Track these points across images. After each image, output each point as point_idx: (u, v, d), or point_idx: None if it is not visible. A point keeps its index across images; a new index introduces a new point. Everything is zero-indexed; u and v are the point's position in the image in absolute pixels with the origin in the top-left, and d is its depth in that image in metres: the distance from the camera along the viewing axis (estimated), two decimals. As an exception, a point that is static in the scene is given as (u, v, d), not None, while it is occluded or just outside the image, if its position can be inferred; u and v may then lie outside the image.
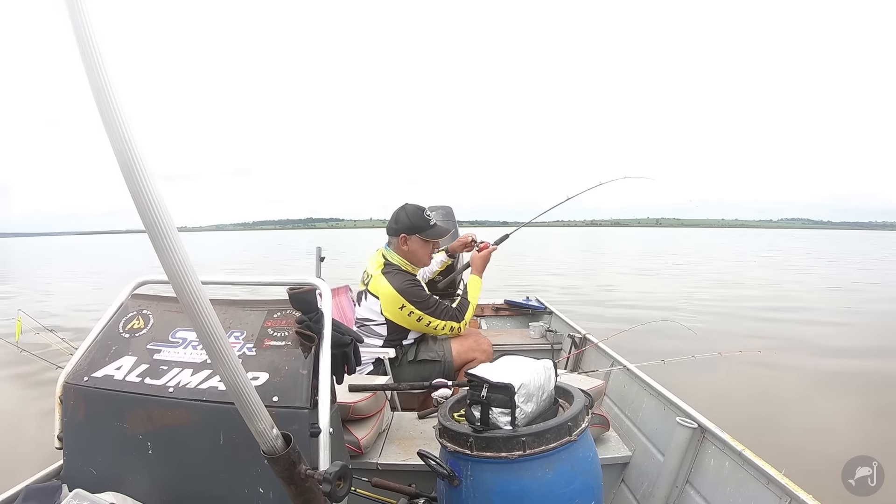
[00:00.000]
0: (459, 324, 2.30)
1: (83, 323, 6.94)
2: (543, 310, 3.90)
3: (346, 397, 1.66)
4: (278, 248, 37.90)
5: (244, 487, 1.04)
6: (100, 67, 0.46)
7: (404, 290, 2.19)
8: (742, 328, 7.11)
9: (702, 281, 13.52)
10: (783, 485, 1.28)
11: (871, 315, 8.49)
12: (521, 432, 1.17)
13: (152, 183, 0.50)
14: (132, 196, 0.50)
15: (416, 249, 2.30)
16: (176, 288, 0.55)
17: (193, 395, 1.09)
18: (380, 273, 2.25)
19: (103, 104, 0.47)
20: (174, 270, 0.53)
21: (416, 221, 2.26)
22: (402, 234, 2.27)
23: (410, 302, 2.19)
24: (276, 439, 0.71)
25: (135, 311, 1.32)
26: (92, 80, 0.46)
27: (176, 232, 0.53)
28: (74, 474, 1.16)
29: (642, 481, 1.78)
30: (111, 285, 10.58)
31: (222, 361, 0.60)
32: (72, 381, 1.19)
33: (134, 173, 0.49)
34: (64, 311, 9.00)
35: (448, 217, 3.28)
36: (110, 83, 0.47)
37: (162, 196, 0.51)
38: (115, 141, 0.48)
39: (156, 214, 0.51)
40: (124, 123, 0.48)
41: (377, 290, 2.23)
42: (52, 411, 1.20)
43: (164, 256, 0.53)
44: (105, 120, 0.47)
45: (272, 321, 1.20)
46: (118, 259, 26.04)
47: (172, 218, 0.52)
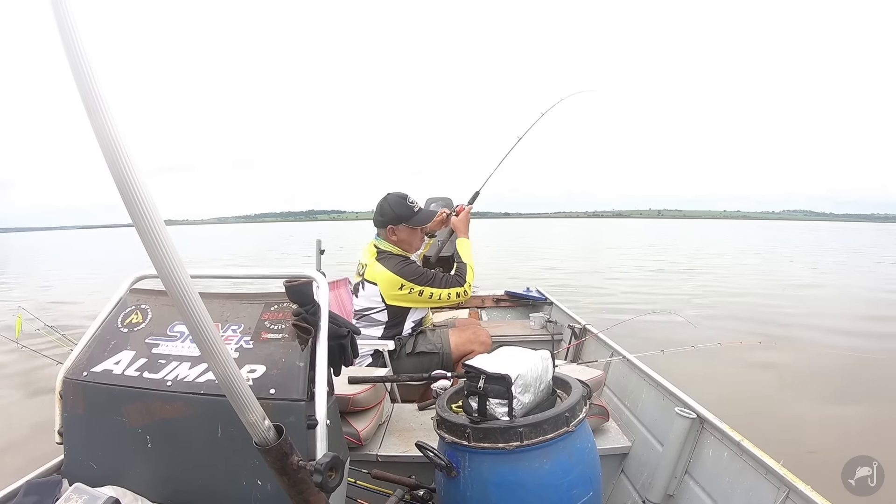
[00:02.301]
0: (463, 287, 2.30)
1: (82, 319, 6.96)
2: (544, 301, 3.91)
3: (345, 389, 1.67)
4: (290, 240, 37.86)
5: (242, 479, 1.05)
6: (83, 64, 0.46)
7: (400, 271, 2.21)
8: (743, 318, 7.10)
9: (703, 272, 13.51)
10: (781, 475, 1.28)
11: (877, 307, 8.48)
12: (518, 423, 1.18)
13: (138, 178, 0.50)
14: (119, 191, 0.50)
15: (405, 238, 2.31)
16: (165, 282, 0.55)
17: (191, 388, 1.09)
18: (374, 260, 2.27)
19: (88, 101, 0.47)
20: (162, 265, 0.54)
21: (399, 211, 2.26)
22: (388, 226, 2.28)
23: (409, 280, 2.21)
24: (267, 430, 0.71)
25: (133, 305, 1.32)
26: (76, 77, 0.46)
27: (164, 226, 0.53)
28: (75, 469, 1.17)
29: (641, 472, 1.79)
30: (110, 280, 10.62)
31: (212, 354, 0.60)
32: (71, 377, 1.19)
33: (120, 168, 0.49)
34: (64, 307, 9.02)
35: (439, 206, 3.27)
36: (95, 80, 0.47)
37: (149, 191, 0.51)
38: (100, 136, 0.48)
39: (143, 209, 0.51)
40: (109, 119, 0.48)
41: (374, 277, 2.25)
42: (52, 407, 1.21)
43: (153, 251, 0.53)
44: (91, 116, 0.47)
45: (269, 314, 1.20)
46: (118, 253, 26.11)
47: (160, 213, 0.52)
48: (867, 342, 5.90)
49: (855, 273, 13.87)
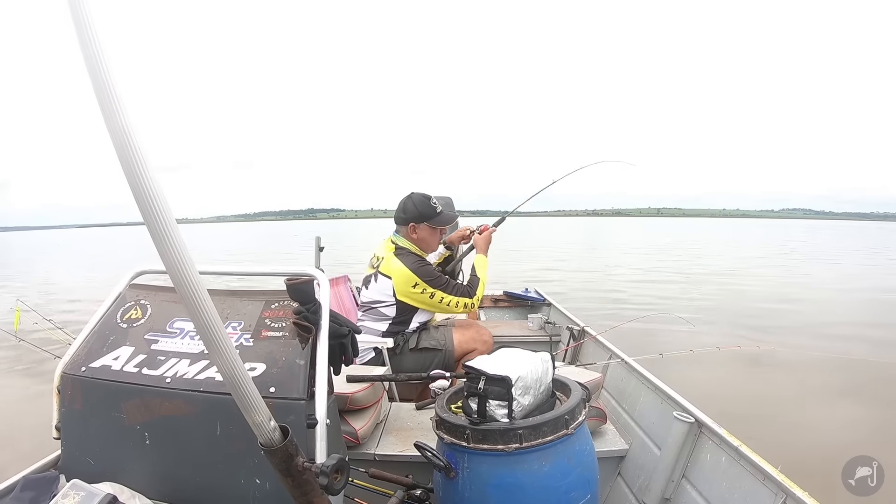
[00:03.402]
0: (472, 299, 2.34)
1: (82, 314, 6.94)
2: (542, 301, 3.91)
3: (343, 388, 1.66)
4: (293, 239, 37.84)
5: (241, 478, 1.04)
6: (100, 60, 0.46)
7: (417, 270, 2.25)
8: (742, 322, 7.09)
9: (702, 274, 13.51)
10: (779, 481, 1.28)
11: (876, 307, 8.51)
12: (517, 425, 1.17)
13: (151, 175, 0.50)
14: (131, 188, 0.50)
15: (425, 237, 2.37)
16: (174, 279, 0.55)
17: (191, 386, 1.09)
18: (392, 255, 2.30)
19: (103, 97, 0.47)
20: (172, 262, 0.53)
21: (423, 210, 2.32)
22: (410, 224, 2.34)
23: (424, 280, 2.25)
24: (273, 431, 0.71)
25: (133, 301, 1.32)
26: (92, 74, 0.46)
27: (175, 224, 0.53)
28: (72, 464, 1.17)
29: (639, 475, 1.79)
30: (110, 276, 10.59)
31: (220, 353, 0.60)
32: (69, 372, 1.19)
33: (133, 165, 0.49)
34: (63, 302, 9.01)
35: (448, 207, 3.28)
36: (110, 76, 0.47)
37: (161, 188, 0.51)
38: (114, 133, 0.48)
39: (155, 206, 0.51)
40: (123, 116, 0.48)
41: (389, 271, 2.28)
42: (50, 401, 1.21)
43: (163, 248, 0.53)
44: (105, 112, 0.47)
45: (270, 312, 1.20)
46: (118, 251, 26.04)
47: (172, 210, 0.52)
48: (866, 346, 5.92)
49: (856, 274, 13.87)
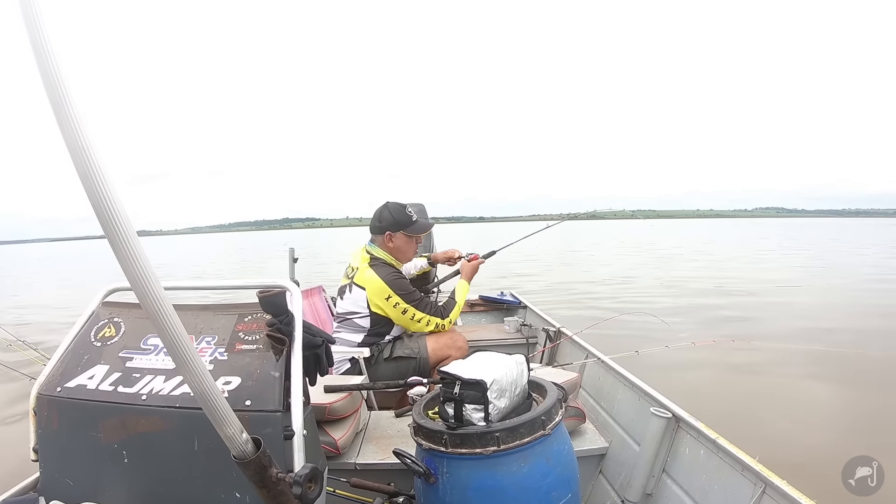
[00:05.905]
0: (444, 321, 2.35)
1: (56, 334, 6.79)
2: (518, 304, 3.93)
3: (321, 398, 1.66)
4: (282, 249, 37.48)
5: (221, 492, 1.04)
6: (54, 71, 0.46)
7: (391, 282, 2.24)
8: (717, 317, 7.22)
9: (676, 272, 13.71)
10: (757, 471, 1.31)
11: (850, 300, 8.70)
12: (494, 428, 1.19)
13: (111, 188, 0.49)
14: (90, 202, 0.49)
15: (400, 245, 2.38)
16: (138, 295, 0.54)
17: (166, 402, 1.08)
18: (366, 265, 2.29)
19: (59, 109, 0.46)
20: (136, 277, 0.53)
21: (399, 218, 2.33)
22: (386, 232, 2.34)
23: (397, 293, 2.24)
24: (245, 443, 0.71)
25: (106, 318, 1.31)
26: (46, 85, 0.46)
27: (136, 238, 0.52)
28: (51, 486, 1.15)
29: (620, 472, 1.82)
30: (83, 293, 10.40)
31: (188, 368, 0.60)
32: (45, 392, 1.17)
33: (92, 178, 0.48)
34: (37, 321, 8.80)
35: (422, 215, 3.30)
36: (65, 87, 0.46)
37: (121, 202, 0.51)
38: (71, 145, 0.47)
39: (115, 220, 0.50)
40: (80, 128, 0.47)
41: (363, 282, 2.27)
42: (26, 423, 1.19)
43: (126, 263, 0.52)
44: (61, 125, 0.47)
45: (243, 325, 1.19)
46: (91, 266, 25.46)
47: (132, 223, 0.52)
48: (842, 337, 6.07)
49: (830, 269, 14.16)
